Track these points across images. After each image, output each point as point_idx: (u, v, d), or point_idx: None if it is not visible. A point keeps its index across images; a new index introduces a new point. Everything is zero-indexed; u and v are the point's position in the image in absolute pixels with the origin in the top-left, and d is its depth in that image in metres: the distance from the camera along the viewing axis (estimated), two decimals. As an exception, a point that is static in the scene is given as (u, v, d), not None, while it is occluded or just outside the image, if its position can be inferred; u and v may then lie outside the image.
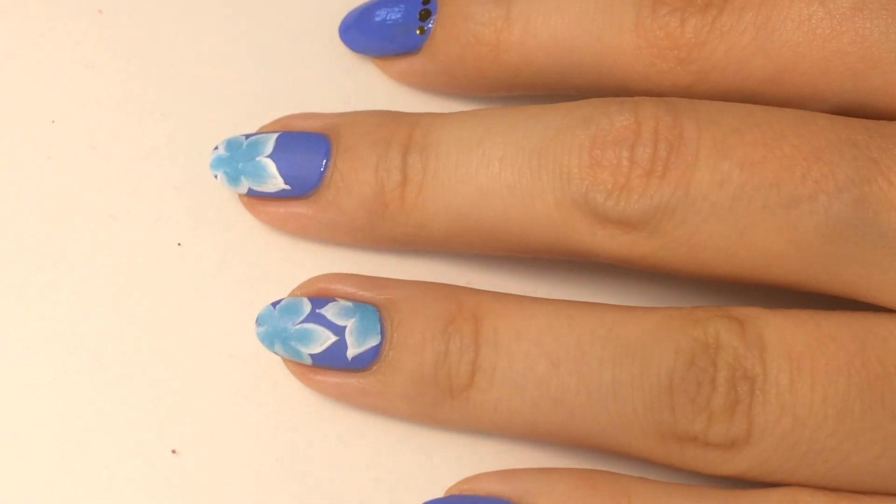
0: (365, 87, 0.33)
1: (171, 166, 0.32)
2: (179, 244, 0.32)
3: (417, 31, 0.32)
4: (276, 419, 0.30)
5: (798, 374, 0.26)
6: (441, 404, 0.29)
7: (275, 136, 0.31)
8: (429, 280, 0.30)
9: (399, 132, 0.30)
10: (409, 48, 0.32)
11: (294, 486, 0.29)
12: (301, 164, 0.31)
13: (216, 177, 0.31)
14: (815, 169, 0.26)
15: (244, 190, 0.31)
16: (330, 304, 0.29)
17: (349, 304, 0.29)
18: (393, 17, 0.32)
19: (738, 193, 0.27)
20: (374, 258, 0.32)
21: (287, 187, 0.31)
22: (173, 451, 0.30)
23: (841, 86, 0.28)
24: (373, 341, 0.29)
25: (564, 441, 0.28)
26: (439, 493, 0.29)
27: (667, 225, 0.27)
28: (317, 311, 0.29)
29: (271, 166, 0.31)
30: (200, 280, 0.31)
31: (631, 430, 0.27)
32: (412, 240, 0.30)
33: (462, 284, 0.31)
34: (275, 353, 0.29)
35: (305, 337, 0.29)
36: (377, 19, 0.33)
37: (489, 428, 0.29)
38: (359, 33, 0.33)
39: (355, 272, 0.31)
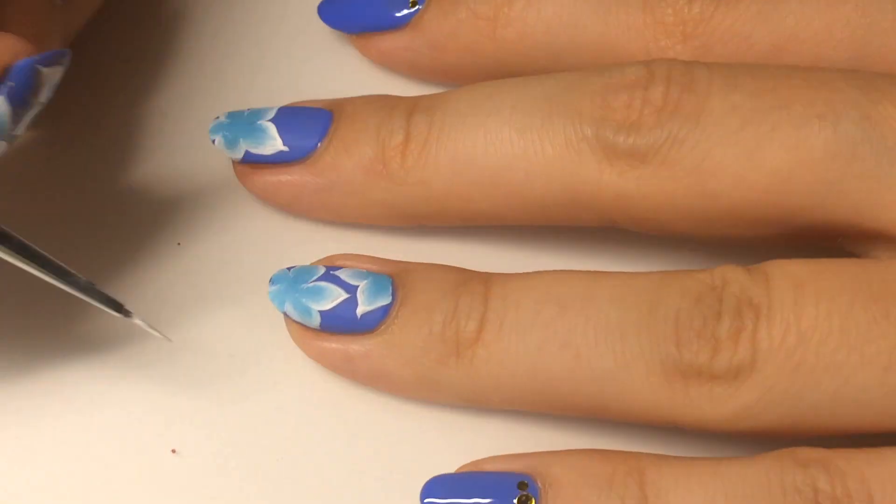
0: (365, 88, 0.33)
1: (171, 166, 0.32)
2: (179, 244, 0.32)
3: (409, 4, 0.32)
4: (276, 419, 0.30)
5: (801, 295, 0.26)
6: (445, 363, 0.29)
7: (277, 107, 0.31)
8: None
9: (404, 101, 0.31)
10: (394, 23, 0.32)
11: (294, 486, 0.29)
12: (301, 128, 0.31)
13: (214, 142, 0.31)
14: (823, 93, 0.27)
15: (241, 154, 0.31)
16: (344, 269, 0.29)
17: (363, 270, 0.29)
18: None
19: (748, 117, 0.27)
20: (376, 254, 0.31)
21: (285, 149, 0.31)
22: (173, 451, 0.30)
23: (843, 53, 0.29)
24: (383, 300, 0.29)
25: (567, 392, 0.28)
26: (439, 493, 0.29)
27: (676, 153, 0.28)
28: (331, 272, 0.29)
29: (272, 129, 0.31)
30: (200, 280, 0.31)
31: (636, 370, 0.27)
32: (408, 201, 0.30)
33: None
34: (284, 313, 0.29)
35: (317, 293, 0.29)
36: None
37: (491, 387, 0.29)
38: (341, 4, 0.33)
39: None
